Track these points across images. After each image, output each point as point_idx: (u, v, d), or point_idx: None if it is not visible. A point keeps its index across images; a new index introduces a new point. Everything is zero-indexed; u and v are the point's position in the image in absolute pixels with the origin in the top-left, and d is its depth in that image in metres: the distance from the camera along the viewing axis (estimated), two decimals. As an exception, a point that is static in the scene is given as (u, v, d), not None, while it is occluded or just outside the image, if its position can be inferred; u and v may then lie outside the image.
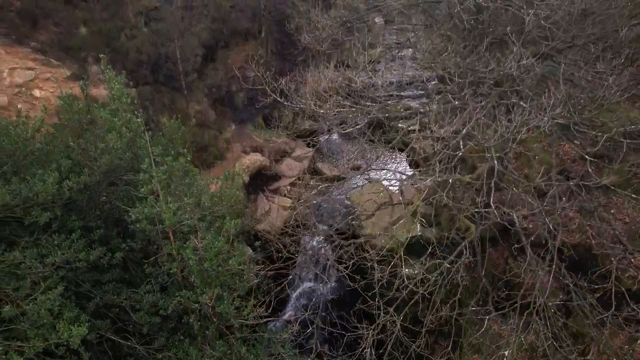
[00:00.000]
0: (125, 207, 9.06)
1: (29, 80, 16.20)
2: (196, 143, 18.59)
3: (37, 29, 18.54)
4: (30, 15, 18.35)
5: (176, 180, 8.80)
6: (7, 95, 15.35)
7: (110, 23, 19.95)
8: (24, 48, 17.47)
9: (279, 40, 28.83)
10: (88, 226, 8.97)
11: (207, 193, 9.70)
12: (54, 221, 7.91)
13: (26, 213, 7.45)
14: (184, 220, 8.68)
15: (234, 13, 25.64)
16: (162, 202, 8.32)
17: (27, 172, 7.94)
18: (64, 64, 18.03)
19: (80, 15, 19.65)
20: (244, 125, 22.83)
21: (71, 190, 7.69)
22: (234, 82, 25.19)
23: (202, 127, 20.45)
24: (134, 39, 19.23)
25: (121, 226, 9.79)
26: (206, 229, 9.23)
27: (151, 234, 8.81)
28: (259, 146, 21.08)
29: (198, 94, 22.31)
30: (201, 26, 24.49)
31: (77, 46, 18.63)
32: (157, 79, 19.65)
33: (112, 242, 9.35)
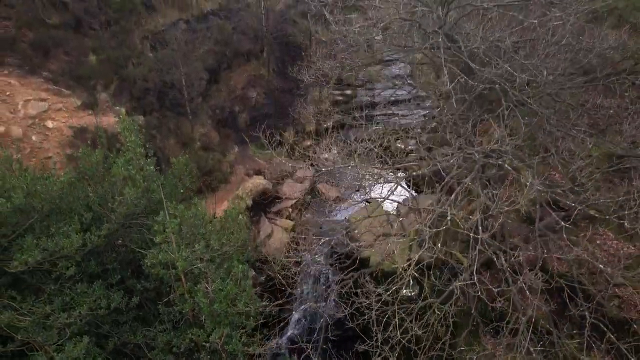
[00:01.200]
0: (140, 250, 9.77)
1: (42, 111, 16.90)
2: (201, 168, 19.27)
3: (49, 59, 19.26)
4: (42, 46, 19.09)
5: (187, 228, 9.49)
6: (21, 127, 16.05)
7: (118, 51, 20.67)
8: (36, 78, 18.20)
9: (280, 58, 29.53)
10: (106, 269, 9.68)
11: (215, 234, 10.38)
12: (77, 269, 8.61)
13: (53, 265, 8.15)
14: (195, 264, 9.37)
15: (236, 35, 26.37)
16: (175, 250, 9.01)
17: (53, 224, 8.63)
18: (74, 92, 18.74)
19: (89, 44, 20.37)
20: (246, 146, 23.49)
21: (93, 243, 8.38)
22: (237, 102, 25.93)
23: (206, 151, 21.15)
24: (141, 66, 19.91)
25: (135, 265, 10.48)
26: (215, 270, 9.93)
27: (164, 277, 9.50)
28: (262, 168, 21.78)
29: (202, 117, 23.01)
30: (205, 49, 25.24)
31: (87, 75, 19.32)
32: (163, 105, 20.37)
33: (128, 282, 10.05)
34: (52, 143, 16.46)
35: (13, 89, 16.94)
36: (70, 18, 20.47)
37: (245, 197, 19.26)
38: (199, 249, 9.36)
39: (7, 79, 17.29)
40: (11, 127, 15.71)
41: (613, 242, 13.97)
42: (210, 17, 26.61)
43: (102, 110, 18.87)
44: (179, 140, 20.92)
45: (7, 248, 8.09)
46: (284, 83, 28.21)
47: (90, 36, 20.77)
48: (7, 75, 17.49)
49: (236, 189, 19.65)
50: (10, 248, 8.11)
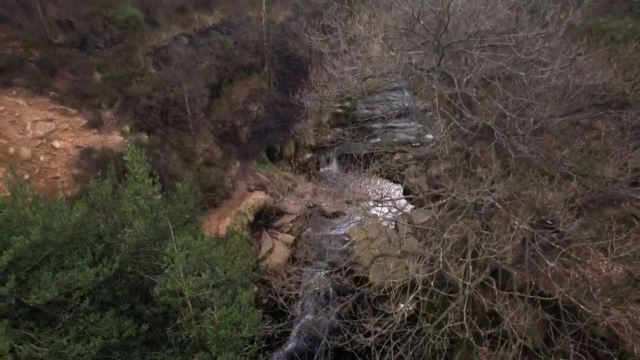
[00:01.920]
0: (148, 276, 10.23)
1: (50, 131, 17.36)
2: (203, 184, 19.74)
3: (55, 78, 19.72)
4: (48, 65, 19.56)
5: (194, 257, 9.95)
6: (30, 147, 16.51)
7: (122, 68, 21.13)
8: (43, 98, 18.68)
9: (281, 71, 29.98)
10: (116, 295, 10.13)
11: (220, 260, 10.83)
12: (89, 298, 9.06)
13: (67, 296, 8.60)
14: (201, 291, 9.82)
15: (238, 50, 26.83)
16: (182, 279, 9.46)
17: (67, 256, 9.09)
18: (80, 111, 19.22)
19: (94, 62, 20.83)
20: (248, 161, 23.98)
21: (105, 275, 8.84)
22: (238, 116, 26.38)
23: (208, 166, 21.60)
24: (144, 84, 20.36)
25: (143, 290, 10.92)
26: (220, 295, 10.38)
27: (172, 303, 9.95)
28: (263, 183, 22.24)
29: (204, 132, 23.47)
30: (207, 64, 25.72)
31: (92, 93, 19.77)
32: (166, 122, 20.80)
33: (137, 307, 10.49)
34: (59, 163, 16.92)
35: (21, 110, 17.41)
36: (76, 37, 20.95)
37: (247, 213, 19.72)
38: (205, 277, 9.82)
39: (16, 100, 17.77)
40: (21, 148, 16.17)
41: (604, 263, 14.46)
42: (212, 32, 27.09)
43: (107, 128, 19.35)
44: (182, 155, 21.38)
45: (25, 281, 8.54)
46: (285, 96, 28.61)
47: (95, 54, 21.25)
48: (16, 96, 17.96)
49: (238, 205, 20.10)
50: (27, 281, 8.57)
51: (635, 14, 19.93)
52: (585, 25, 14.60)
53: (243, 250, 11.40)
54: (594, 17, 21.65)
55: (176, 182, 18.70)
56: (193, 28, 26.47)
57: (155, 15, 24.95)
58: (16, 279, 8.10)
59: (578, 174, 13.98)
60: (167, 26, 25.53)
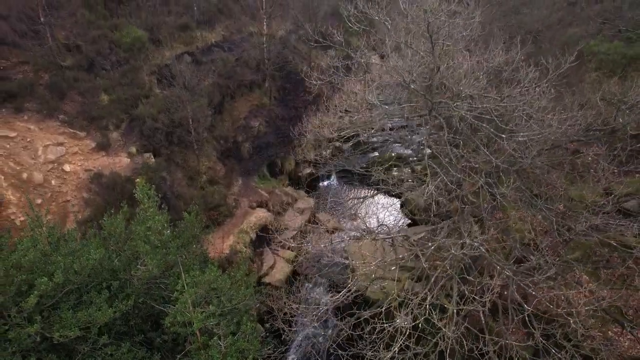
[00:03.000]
0: (159, 306, 11.00)
1: (60, 155, 18.09)
2: (207, 203, 20.47)
3: (64, 100, 20.44)
4: (57, 88, 20.27)
5: (202, 290, 10.71)
6: (42, 172, 17.25)
7: (128, 90, 21.84)
8: (53, 122, 19.39)
9: (282, 86, 30.68)
10: (129, 325, 10.91)
11: (226, 290, 11.59)
12: (105, 329, 9.83)
13: (87, 330, 9.38)
14: (209, 321, 10.59)
15: (239, 67, 27.52)
16: (191, 311, 10.23)
17: (85, 292, 9.86)
18: (89, 134, 19.93)
19: (101, 83, 21.54)
20: (249, 177, 24.71)
21: (121, 310, 9.61)
22: (240, 132, 27.11)
23: (212, 184, 22.34)
24: (150, 106, 21.06)
25: (154, 318, 11.70)
26: (227, 323, 11.15)
27: (182, 332, 10.72)
28: (264, 200, 22.98)
29: (208, 149, 24.19)
30: (209, 81, 26.43)
31: (99, 115, 20.46)
32: (171, 142, 21.52)
33: (148, 334, 11.28)
34: (70, 186, 17.67)
35: (33, 135, 18.15)
36: (84, 60, 21.66)
37: (249, 231, 20.47)
38: (212, 308, 10.59)
39: (27, 125, 18.50)
40: (33, 173, 16.91)
41: (588, 285, 15.20)
42: (214, 49, 27.78)
43: (115, 150, 20.07)
44: (186, 174, 22.11)
45: (47, 317, 9.30)
46: (285, 111, 29.38)
47: (102, 76, 21.96)
48: (27, 121, 18.70)
49: (241, 223, 20.85)
50: (50, 317, 9.33)
51: (623, 37, 20.59)
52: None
53: (247, 280, 12.16)
54: (586, 39, 22.38)
55: (181, 202, 19.51)
56: (196, 46, 27.15)
57: (159, 34, 25.62)
58: (40, 316, 8.86)
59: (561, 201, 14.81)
60: (170, 44, 26.23)
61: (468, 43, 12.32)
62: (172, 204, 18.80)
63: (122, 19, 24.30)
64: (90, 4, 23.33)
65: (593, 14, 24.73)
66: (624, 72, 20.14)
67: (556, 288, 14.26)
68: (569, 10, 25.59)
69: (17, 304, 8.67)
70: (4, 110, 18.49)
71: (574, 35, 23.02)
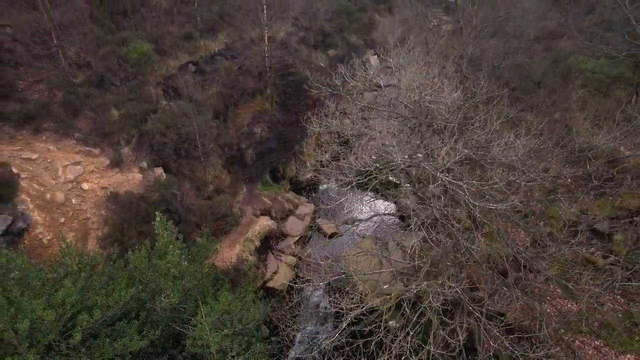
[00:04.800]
0: (179, 328, 12.69)
1: (78, 174, 19.46)
2: (215, 214, 21.98)
3: (78, 118, 21.65)
4: (71, 106, 21.47)
5: (217, 315, 12.34)
6: (63, 192, 18.67)
7: (137, 104, 22.98)
8: (69, 140, 20.68)
9: (283, 90, 31.68)
10: (154, 344, 12.61)
11: (238, 311, 13.24)
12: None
13: (122, 357, 11.06)
14: (224, 341, 12.29)
15: (242, 75, 28.50)
16: (208, 334, 11.90)
17: (116, 322, 11.49)
18: (102, 150, 21.23)
19: (111, 99, 22.67)
20: (253, 184, 26.10)
21: (149, 338, 11.26)
22: (243, 138, 28.34)
23: (218, 193, 23.78)
24: (158, 122, 22.26)
25: (174, 336, 13.41)
26: (239, 343, 12.85)
27: (200, 351, 12.44)
28: (267, 207, 24.48)
29: (213, 158, 25.49)
30: (213, 90, 27.49)
31: (111, 130, 21.70)
32: (179, 155, 22.83)
33: (170, 352, 13.02)
34: (89, 204, 19.12)
35: (52, 155, 19.48)
36: (94, 76, 22.74)
37: (254, 240, 22.07)
38: (226, 331, 12.27)
39: (46, 145, 19.81)
40: (55, 194, 18.34)
41: (560, 299, 16.90)
42: (217, 58, 28.69)
43: (127, 165, 21.42)
44: (194, 185, 23.53)
45: (89, 347, 10.95)
46: (286, 116, 30.48)
47: (112, 91, 23.08)
48: (46, 141, 19.99)
49: (246, 232, 22.42)
50: (91, 347, 10.98)
51: (610, 55, 21.55)
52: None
53: (256, 305, 13.82)
54: (575, 55, 23.34)
55: (191, 214, 21.05)
56: (199, 55, 28.06)
57: (164, 44, 26.53)
58: (84, 347, 10.51)
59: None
60: (174, 54, 27.16)
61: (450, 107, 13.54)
62: (183, 218, 20.33)
63: (129, 31, 25.16)
64: (98, 18, 24.16)
65: (584, 26, 25.54)
66: (608, 90, 21.20)
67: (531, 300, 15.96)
68: (561, 21, 26.34)
69: (64, 337, 10.30)
70: (24, 131, 19.75)
71: (564, 50, 23.95)
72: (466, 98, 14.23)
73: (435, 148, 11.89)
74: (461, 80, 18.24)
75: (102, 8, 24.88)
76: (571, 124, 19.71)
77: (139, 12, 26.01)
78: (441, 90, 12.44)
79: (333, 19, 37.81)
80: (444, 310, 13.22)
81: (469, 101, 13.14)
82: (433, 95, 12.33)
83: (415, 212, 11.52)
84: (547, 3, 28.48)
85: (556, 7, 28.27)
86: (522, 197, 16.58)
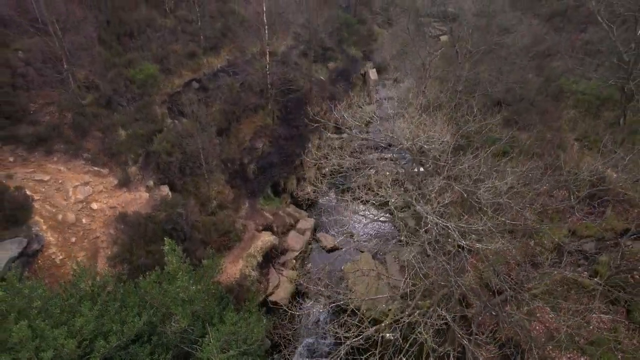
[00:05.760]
0: (187, 349, 13.54)
1: (88, 195, 20.31)
2: (219, 230, 22.83)
3: (86, 138, 22.48)
4: (80, 127, 22.28)
5: (224, 337, 13.19)
6: (74, 212, 19.52)
7: (143, 125, 23.79)
8: (79, 161, 21.51)
9: (284, 105, 32.46)
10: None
11: (243, 332, 14.08)
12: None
13: (135, 377, 11.91)
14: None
15: (244, 92, 29.31)
16: (216, 357, 12.75)
17: (130, 345, 12.33)
18: (110, 170, 22.07)
19: (118, 119, 23.49)
20: (255, 198, 26.94)
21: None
22: (245, 153, 29.17)
23: (222, 208, 24.63)
24: (164, 141, 23.07)
25: (183, 353, 14.26)
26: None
27: (207, 371, 13.28)
28: (269, 223, 25.32)
29: (217, 174, 26.32)
30: (216, 107, 28.32)
31: (118, 150, 22.52)
32: (184, 173, 23.67)
33: (179, 370, 13.87)
34: (98, 223, 19.97)
35: (63, 176, 20.33)
36: (102, 97, 23.56)
37: (256, 255, 22.91)
38: (232, 352, 13.11)
39: (57, 166, 20.66)
40: (67, 214, 19.19)
41: (549, 317, 17.70)
42: (220, 75, 29.49)
43: (134, 184, 22.26)
44: (198, 201, 24.35)
45: (104, 368, 11.81)
46: (287, 130, 31.28)
47: (119, 111, 23.89)
48: (57, 162, 20.84)
49: (248, 247, 23.26)
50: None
51: (602, 77, 22.25)
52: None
53: (260, 324, 14.66)
54: (566, 75, 24.11)
55: (196, 231, 21.90)
56: (203, 72, 28.87)
57: (168, 63, 27.34)
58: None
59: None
60: (179, 72, 27.98)
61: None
62: (188, 235, 21.16)
63: (135, 52, 25.98)
64: (105, 41, 25.00)
65: (577, 45, 26.31)
66: (598, 111, 21.95)
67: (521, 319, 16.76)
68: (555, 39, 27.10)
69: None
70: (37, 153, 20.60)
71: (556, 70, 24.72)
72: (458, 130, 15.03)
73: (428, 191, 12.73)
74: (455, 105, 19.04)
75: (109, 30, 25.72)
76: (562, 145, 20.49)
77: (145, 33, 26.83)
78: (432, 138, 13.27)
79: (333, 32, 38.57)
80: (437, 330, 14.05)
81: (458, 140, 13.94)
82: (425, 141, 13.16)
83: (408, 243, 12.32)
84: (541, 20, 29.26)
85: (550, 25, 29.03)
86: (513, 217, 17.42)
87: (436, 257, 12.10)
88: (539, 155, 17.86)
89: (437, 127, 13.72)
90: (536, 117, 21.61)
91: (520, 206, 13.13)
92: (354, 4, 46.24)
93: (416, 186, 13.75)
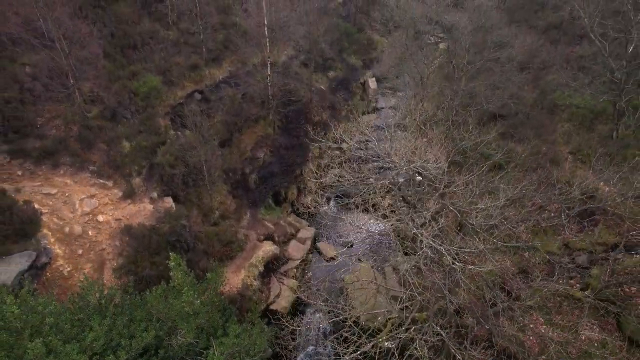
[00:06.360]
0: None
1: (94, 207, 20.83)
2: (222, 241, 23.34)
3: (92, 151, 23.02)
4: (86, 140, 22.83)
5: (227, 350, 13.70)
6: (80, 224, 20.04)
7: (147, 137, 24.33)
8: (85, 173, 22.05)
9: (285, 114, 32.99)
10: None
11: (246, 345, 14.60)
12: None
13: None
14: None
15: (245, 103, 29.85)
16: (221, 368, 13.26)
17: (138, 357, 12.84)
18: (115, 182, 22.60)
19: (122, 132, 24.03)
20: (256, 208, 27.45)
21: (168, 373, 12.63)
22: (247, 163, 29.69)
23: (224, 219, 25.15)
24: (167, 154, 23.61)
25: (189, 365, 14.78)
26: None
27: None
28: (271, 233, 25.84)
29: (219, 184, 26.85)
30: (218, 118, 28.87)
31: (123, 162, 23.06)
32: (187, 184, 24.20)
33: (184, 380, 14.38)
34: (104, 235, 20.50)
35: (70, 189, 20.86)
36: (107, 110, 24.11)
37: (258, 265, 23.43)
38: (236, 365, 13.64)
39: (64, 179, 21.19)
40: (74, 226, 19.71)
41: (542, 327, 18.22)
42: (221, 86, 30.05)
43: (139, 196, 22.79)
44: (201, 211, 24.89)
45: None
46: (288, 140, 31.81)
47: (123, 124, 24.43)
48: (63, 175, 21.38)
49: (250, 257, 23.77)
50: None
51: (595, 92, 22.80)
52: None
53: (262, 335, 15.18)
54: (561, 88, 24.66)
55: (199, 241, 22.41)
56: (205, 84, 29.43)
57: (171, 75, 27.91)
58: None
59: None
60: (182, 84, 28.55)
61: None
62: (191, 246, 21.68)
63: (139, 64, 26.55)
64: (110, 54, 25.56)
65: (572, 57, 26.87)
66: (591, 125, 22.49)
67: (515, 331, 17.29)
68: (551, 52, 27.66)
69: (93, 376, 11.67)
70: (44, 167, 21.14)
71: (551, 83, 25.27)
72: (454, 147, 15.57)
73: (423, 214, 13.28)
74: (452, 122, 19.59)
75: (113, 43, 26.27)
76: (556, 159, 21.00)
77: (148, 45, 27.39)
78: (428, 162, 13.85)
79: (333, 42, 39.13)
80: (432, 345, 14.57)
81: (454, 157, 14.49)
82: (420, 165, 13.73)
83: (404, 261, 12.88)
84: (537, 32, 29.82)
85: (546, 37, 29.60)
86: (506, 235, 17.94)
87: (431, 274, 12.62)
88: (533, 169, 18.38)
89: (434, 150, 14.27)
90: (531, 131, 22.15)
91: (513, 224, 13.65)
92: (354, 13, 46.91)
93: (412, 205, 14.30)
